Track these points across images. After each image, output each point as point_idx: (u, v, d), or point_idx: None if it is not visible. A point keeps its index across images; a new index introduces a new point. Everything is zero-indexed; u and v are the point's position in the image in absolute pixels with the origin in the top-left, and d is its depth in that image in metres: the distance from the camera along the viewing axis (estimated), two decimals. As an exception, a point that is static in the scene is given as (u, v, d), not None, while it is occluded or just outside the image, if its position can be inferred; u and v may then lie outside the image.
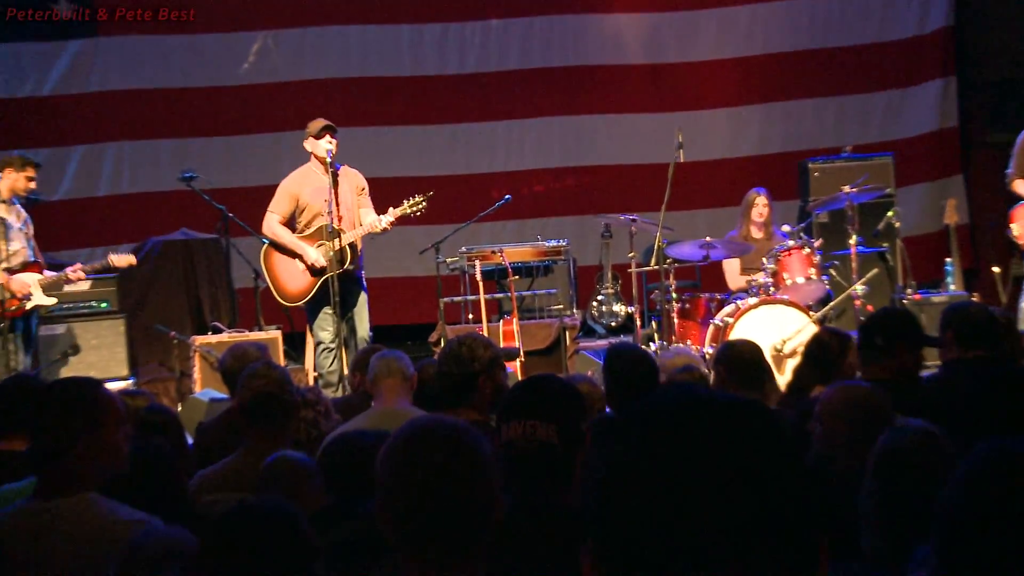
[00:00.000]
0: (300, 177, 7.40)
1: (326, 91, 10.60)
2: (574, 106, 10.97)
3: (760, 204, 8.46)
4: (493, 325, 8.14)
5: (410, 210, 7.26)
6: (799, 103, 11.05)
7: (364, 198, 7.44)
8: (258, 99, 10.61)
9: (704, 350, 7.74)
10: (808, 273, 7.75)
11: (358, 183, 7.44)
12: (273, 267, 7.44)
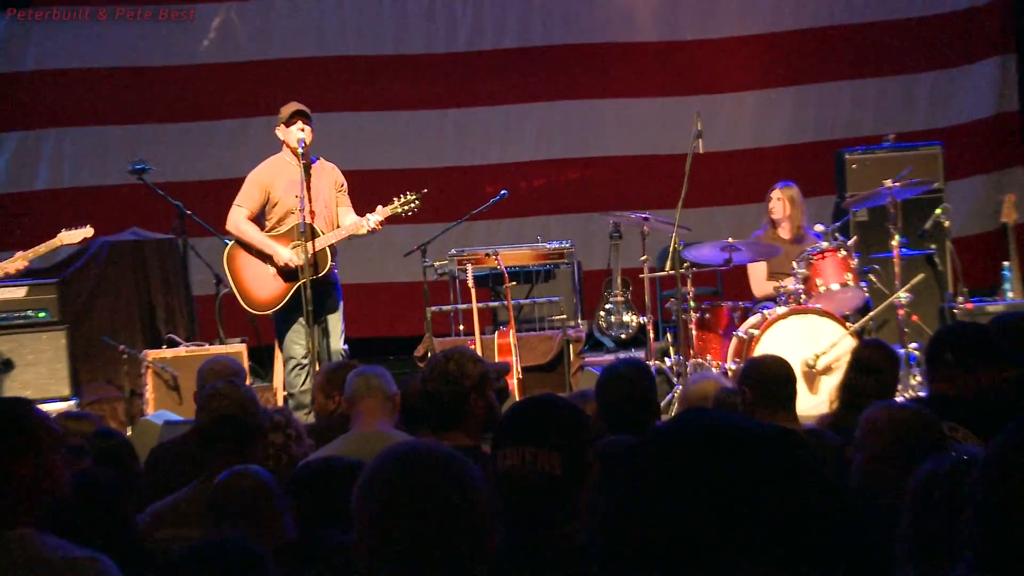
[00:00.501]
0: (272, 167, 7.37)
1: (297, 72, 10.62)
2: (579, 89, 10.99)
3: (774, 199, 8.46)
4: (487, 338, 8.14)
5: (401, 209, 7.24)
6: (834, 85, 11.07)
7: (343, 196, 7.42)
8: (220, 81, 10.62)
9: (726, 366, 7.75)
10: (844, 279, 7.76)
11: (337, 179, 7.43)
12: (239, 270, 7.40)
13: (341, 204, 7.41)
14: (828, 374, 7.46)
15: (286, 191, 7.24)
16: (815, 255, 7.81)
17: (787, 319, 7.57)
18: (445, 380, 3.84)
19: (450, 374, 3.84)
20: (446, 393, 3.82)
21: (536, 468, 2.52)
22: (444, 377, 3.84)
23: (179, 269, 9.05)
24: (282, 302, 7.27)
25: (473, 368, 3.86)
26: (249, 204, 7.35)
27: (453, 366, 3.85)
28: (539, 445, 2.54)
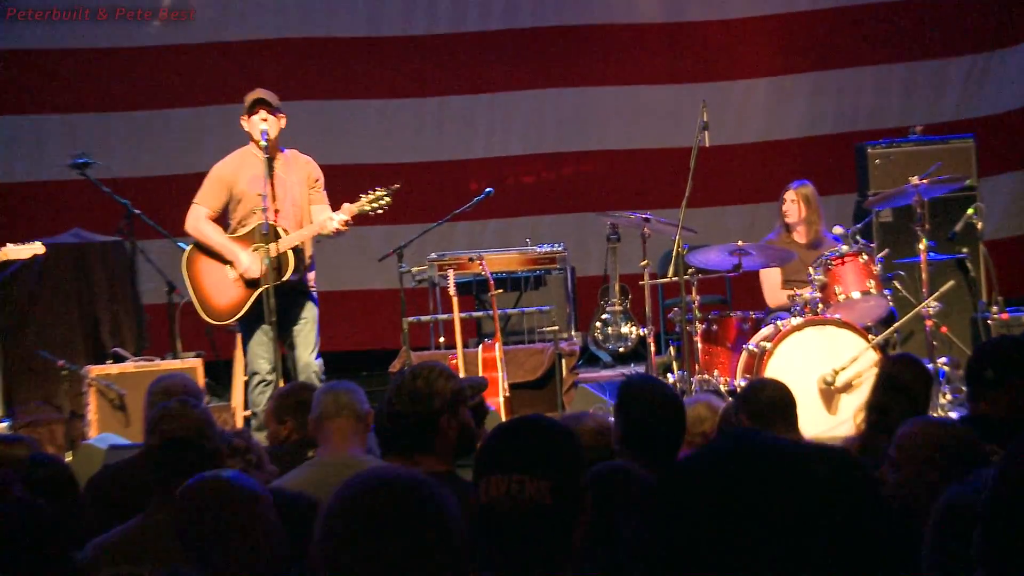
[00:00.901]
0: (236, 161, 7.35)
1: (259, 55, 10.61)
2: (573, 76, 11.00)
3: (788, 200, 8.49)
4: (470, 351, 8.14)
5: (369, 207, 7.21)
6: (856, 72, 11.10)
7: (317, 192, 7.38)
8: (172, 65, 10.61)
9: (735, 382, 7.76)
10: (866, 286, 7.77)
11: (311, 173, 7.39)
12: (198, 276, 7.37)
13: (315, 201, 7.35)
14: (848, 392, 7.47)
15: (249, 188, 7.22)
16: (834, 260, 7.83)
17: (803, 331, 7.58)
18: (412, 400, 3.81)
19: (418, 393, 3.81)
20: (413, 414, 3.80)
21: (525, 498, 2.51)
22: (411, 396, 3.81)
23: (126, 275, 9.02)
24: (242, 310, 7.25)
25: (444, 385, 3.84)
26: (209, 202, 7.33)
27: (421, 384, 3.83)
28: (528, 472, 2.52)
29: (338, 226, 7.08)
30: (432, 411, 3.79)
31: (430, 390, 3.81)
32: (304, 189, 7.34)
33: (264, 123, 7.16)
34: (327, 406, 4.35)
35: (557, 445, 2.60)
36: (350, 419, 4.34)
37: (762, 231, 9.15)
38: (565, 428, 2.71)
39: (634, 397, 4.11)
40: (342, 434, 4.32)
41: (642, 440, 4.03)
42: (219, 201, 7.33)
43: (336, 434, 4.32)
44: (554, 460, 2.56)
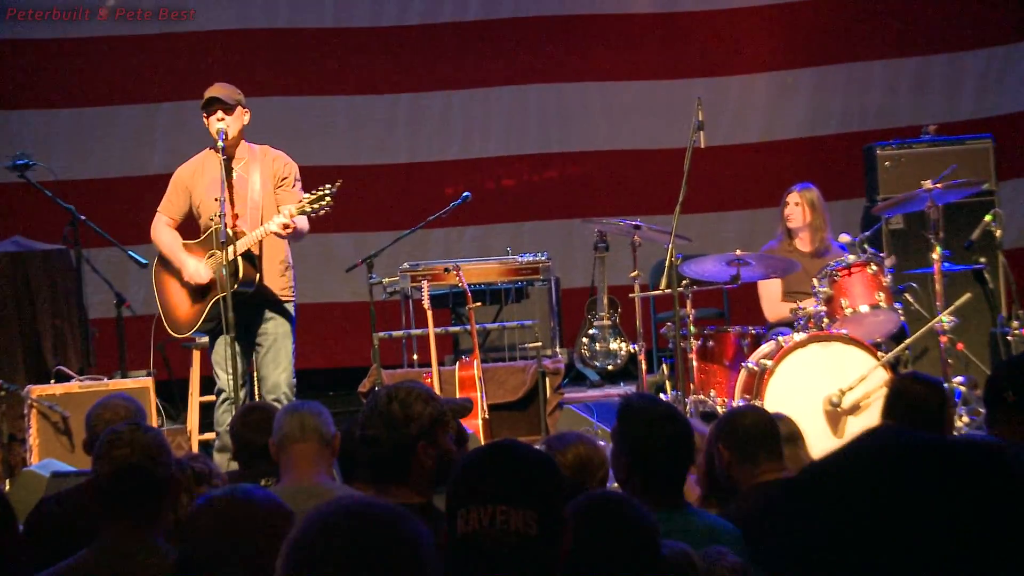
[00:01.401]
0: (197, 164, 7.35)
1: (217, 47, 10.61)
2: (557, 71, 11.04)
3: (791, 203, 8.51)
4: (447, 370, 8.15)
5: (310, 208, 7.09)
6: (864, 66, 11.16)
7: (286, 191, 7.30)
8: (121, 57, 10.60)
9: (733, 403, 7.78)
10: (875, 299, 7.81)
11: (277, 171, 7.34)
12: (164, 287, 7.41)
13: (284, 201, 7.27)
14: (856, 414, 7.49)
15: (207, 192, 7.22)
16: (840, 271, 7.85)
17: (806, 347, 7.60)
18: (387, 425, 3.76)
19: (393, 417, 3.75)
20: (388, 441, 3.76)
21: (510, 529, 2.53)
22: (386, 421, 3.76)
23: (71, 287, 9.00)
24: (197, 323, 7.25)
25: (423, 409, 3.79)
26: (169, 210, 7.36)
27: (397, 407, 3.77)
28: (512, 502, 2.55)
29: (276, 228, 6.99)
30: (408, 437, 3.76)
31: (407, 414, 3.76)
32: (267, 188, 7.29)
33: (220, 123, 7.15)
34: (291, 429, 4.34)
35: (540, 472, 2.63)
36: (315, 443, 4.33)
37: (762, 239, 9.17)
38: (544, 454, 2.74)
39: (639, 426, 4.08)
40: (307, 459, 4.30)
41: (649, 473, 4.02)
42: (179, 208, 7.34)
43: (300, 459, 4.31)
44: (538, 488, 2.59)
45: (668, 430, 4.02)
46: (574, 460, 4.23)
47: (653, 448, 3.99)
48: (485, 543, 2.53)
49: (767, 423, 4.68)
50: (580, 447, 4.28)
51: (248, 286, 7.11)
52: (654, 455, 3.99)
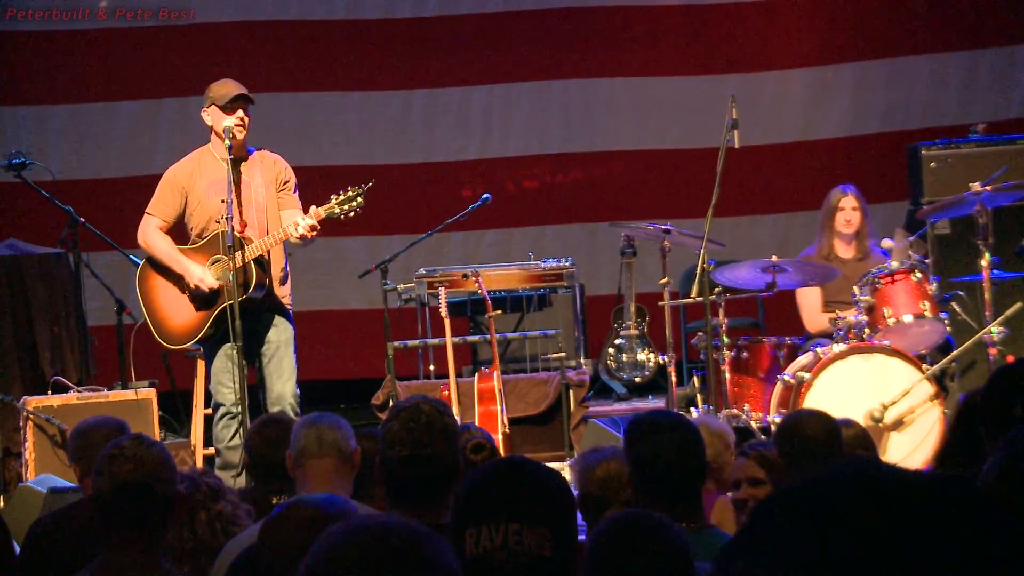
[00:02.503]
0: (193, 164, 7.36)
1: (223, 41, 10.64)
2: (582, 66, 11.04)
3: (848, 207, 8.51)
4: (465, 381, 8.16)
5: (339, 209, 7.19)
6: (908, 61, 11.13)
7: (288, 195, 7.37)
8: (123, 51, 10.64)
9: (769, 418, 7.77)
10: (920, 308, 7.79)
11: (279, 174, 7.39)
12: (152, 294, 7.38)
13: (285, 206, 7.34)
14: (899, 430, 7.48)
15: (207, 194, 7.24)
16: (882, 278, 7.84)
17: (846, 359, 7.59)
18: (447, 440, 3.74)
19: (451, 432, 3.76)
20: (449, 456, 3.73)
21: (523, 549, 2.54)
22: (447, 436, 3.75)
23: (70, 293, 9.03)
24: (200, 333, 7.25)
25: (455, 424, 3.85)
26: (162, 211, 7.34)
27: (450, 420, 3.76)
28: (525, 521, 2.56)
29: (304, 231, 7.04)
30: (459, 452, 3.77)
31: (456, 428, 3.77)
32: (271, 192, 7.33)
33: (240, 121, 7.17)
34: (308, 443, 4.33)
35: (552, 490, 2.66)
36: (334, 458, 4.32)
37: (799, 244, 9.17)
38: (554, 471, 2.76)
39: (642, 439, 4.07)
40: (324, 476, 4.29)
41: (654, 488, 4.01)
42: (173, 209, 7.33)
43: (318, 476, 4.30)
44: (552, 506, 2.62)
45: (668, 439, 3.99)
46: (603, 476, 4.23)
47: (655, 459, 3.96)
48: (496, 564, 2.54)
49: (829, 433, 4.66)
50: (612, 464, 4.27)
51: (259, 291, 7.15)
52: (656, 466, 3.96)
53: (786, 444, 4.62)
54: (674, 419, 4.20)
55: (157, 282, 7.38)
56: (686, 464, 4.01)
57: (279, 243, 7.20)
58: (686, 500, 3.99)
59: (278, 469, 4.63)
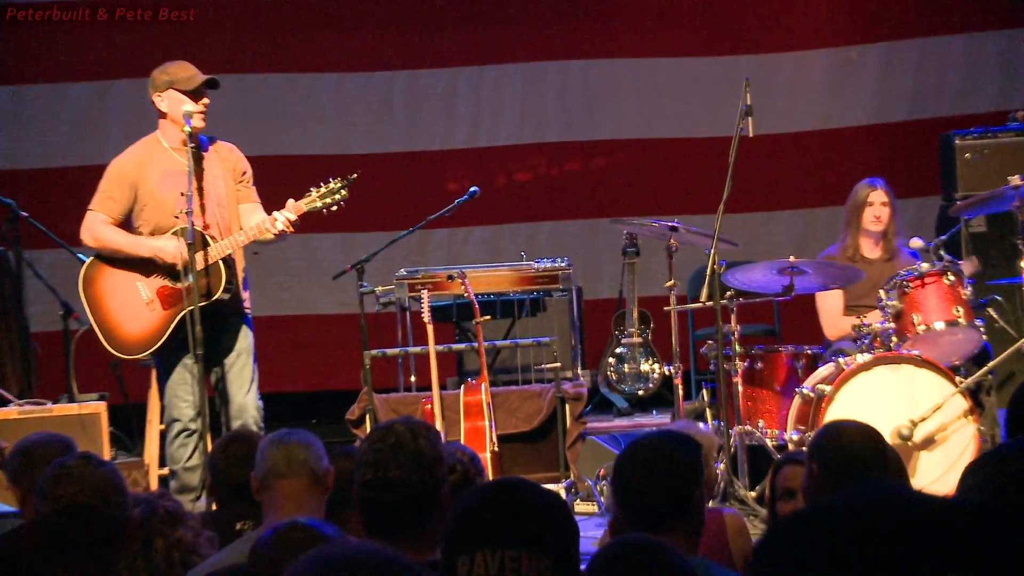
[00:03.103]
0: (141, 155, 7.35)
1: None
2: (582, 45, 11.04)
3: (877, 203, 8.52)
4: (450, 394, 8.15)
5: (321, 203, 7.21)
6: (940, 41, 11.14)
7: (246, 187, 7.39)
8: (70, 27, 10.62)
9: (786, 436, 7.77)
10: (953, 314, 7.79)
11: (236, 165, 7.40)
12: (100, 296, 7.36)
13: (243, 199, 7.36)
14: (930, 448, 7.48)
15: (161, 187, 7.22)
16: (911, 281, 7.85)
17: (871, 370, 7.60)
18: (418, 464, 3.72)
19: (424, 456, 3.73)
20: (418, 484, 3.71)
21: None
22: (416, 460, 3.72)
23: (9, 294, 9.02)
24: (159, 340, 7.24)
25: (443, 450, 3.82)
26: (108, 207, 7.31)
27: (425, 444, 3.72)
28: (524, 547, 2.58)
29: (283, 227, 7.06)
30: (438, 481, 3.74)
31: (435, 453, 3.75)
32: (229, 184, 7.33)
33: (201, 108, 7.17)
34: (276, 462, 4.32)
35: (553, 514, 2.69)
36: (305, 479, 4.31)
37: (819, 244, 9.17)
38: (555, 495, 2.80)
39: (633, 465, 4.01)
40: (294, 498, 4.29)
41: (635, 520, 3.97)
42: (121, 205, 7.30)
43: (286, 498, 4.30)
44: (552, 532, 2.65)
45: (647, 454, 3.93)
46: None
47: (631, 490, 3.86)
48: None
49: (874, 441, 4.66)
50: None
51: (228, 292, 7.15)
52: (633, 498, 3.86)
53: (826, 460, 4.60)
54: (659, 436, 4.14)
55: (108, 283, 7.34)
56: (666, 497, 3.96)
57: (252, 240, 7.19)
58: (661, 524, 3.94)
59: (244, 491, 4.62)
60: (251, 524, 4.63)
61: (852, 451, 4.58)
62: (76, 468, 3.85)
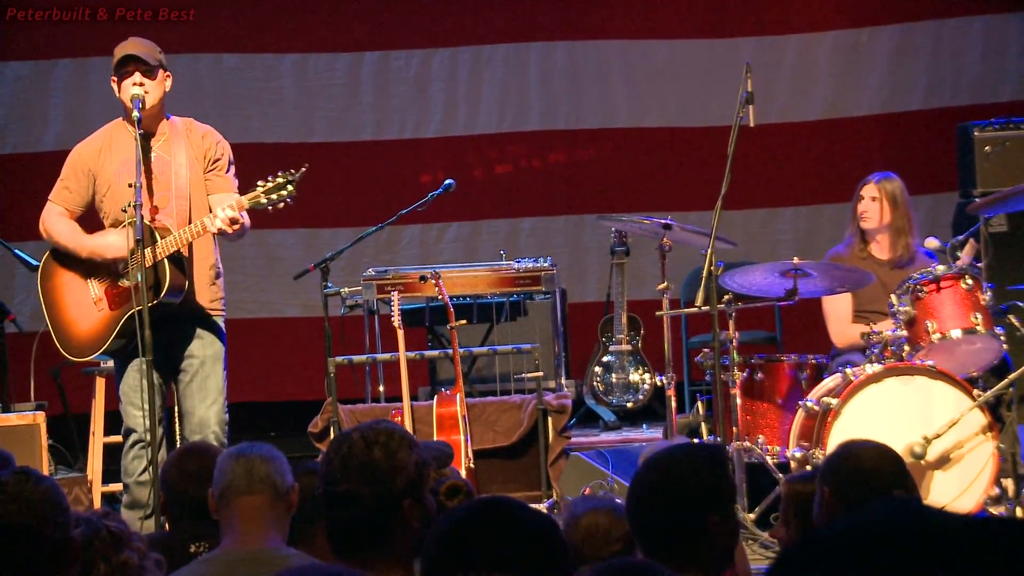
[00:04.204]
0: (102, 142, 7.33)
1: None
2: (567, 25, 11.06)
3: (867, 197, 8.50)
4: (422, 405, 8.15)
5: (264, 199, 7.11)
6: (958, 24, 11.18)
7: (219, 176, 7.31)
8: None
9: (788, 453, 7.78)
10: (971, 322, 7.81)
11: (209, 151, 7.34)
12: (55, 294, 7.36)
13: (215, 189, 7.28)
14: (944, 468, 7.50)
15: (118, 176, 7.21)
16: (926, 285, 7.86)
17: (881, 382, 7.61)
18: (369, 477, 3.76)
19: (377, 467, 3.78)
20: (370, 498, 3.76)
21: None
22: (367, 472, 3.76)
23: (-58, 294, 9.02)
24: (106, 342, 7.23)
25: (407, 457, 3.81)
26: (65, 198, 7.31)
27: (380, 455, 3.79)
28: (510, 570, 2.63)
29: (222, 225, 6.99)
30: (394, 493, 3.76)
31: (392, 464, 3.77)
32: (196, 173, 7.30)
33: (138, 87, 7.15)
34: (236, 477, 4.32)
35: (540, 535, 2.73)
36: (267, 496, 4.32)
37: (826, 243, 9.19)
38: (544, 515, 2.85)
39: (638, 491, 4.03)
40: (255, 517, 4.30)
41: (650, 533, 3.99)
42: (79, 196, 7.30)
43: (246, 516, 4.30)
44: (539, 554, 2.69)
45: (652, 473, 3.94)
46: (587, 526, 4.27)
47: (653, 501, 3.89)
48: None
49: (894, 464, 4.67)
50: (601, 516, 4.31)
51: (175, 296, 7.11)
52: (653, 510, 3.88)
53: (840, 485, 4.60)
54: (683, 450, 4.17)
55: (61, 280, 7.35)
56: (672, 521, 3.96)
57: (196, 237, 7.15)
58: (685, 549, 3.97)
59: (200, 509, 4.62)
60: (206, 545, 4.63)
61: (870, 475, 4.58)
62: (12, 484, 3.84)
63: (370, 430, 3.86)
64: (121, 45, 7.26)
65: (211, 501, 4.42)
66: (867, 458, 4.65)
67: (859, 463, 4.62)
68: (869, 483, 4.55)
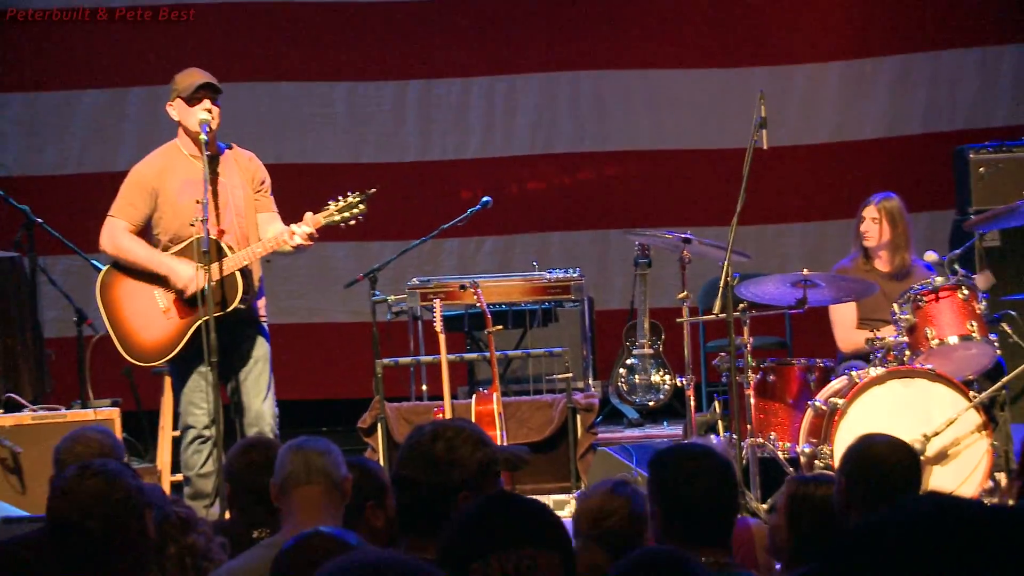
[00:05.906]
0: (161, 162, 7.35)
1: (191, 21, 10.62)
2: (595, 56, 11.05)
3: (868, 218, 8.48)
4: (461, 403, 8.15)
5: (340, 217, 7.20)
6: (955, 55, 11.14)
7: (265, 197, 7.39)
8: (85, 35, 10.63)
9: (797, 449, 7.76)
10: (967, 329, 7.78)
11: (255, 174, 7.40)
12: (117, 304, 7.37)
13: (262, 209, 7.36)
14: (943, 463, 7.47)
15: (180, 195, 7.22)
16: (925, 295, 7.84)
17: (884, 384, 7.59)
18: (427, 466, 3.82)
19: (436, 458, 3.82)
20: (425, 485, 3.81)
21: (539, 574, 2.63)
22: (426, 462, 3.83)
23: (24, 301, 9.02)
24: (176, 348, 7.24)
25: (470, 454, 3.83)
26: (129, 214, 7.32)
27: (441, 448, 3.82)
28: (537, 545, 2.66)
29: (301, 240, 7.07)
30: (450, 484, 3.79)
31: (452, 457, 3.80)
32: (248, 193, 7.33)
33: (207, 113, 7.16)
34: (295, 469, 4.32)
35: (549, 515, 2.79)
36: (323, 486, 4.31)
37: (833, 256, 9.16)
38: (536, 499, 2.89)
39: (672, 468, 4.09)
40: (312, 506, 4.29)
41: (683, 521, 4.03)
42: (141, 212, 7.31)
43: (305, 506, 4.29)
44: (557, 530, 2.74)
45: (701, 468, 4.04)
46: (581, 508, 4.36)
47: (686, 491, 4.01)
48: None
49: (906, 455, 4.65)
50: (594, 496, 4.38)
51: (244, 303, 7.16)
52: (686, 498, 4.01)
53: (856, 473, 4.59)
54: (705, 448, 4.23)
55: (124, 291, 7.35)
56: (719, 497, 4.05)
57: (269, 252, 7.19)
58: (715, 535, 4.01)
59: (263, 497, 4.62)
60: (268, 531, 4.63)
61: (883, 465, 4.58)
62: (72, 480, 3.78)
63: (442, 425, 3.93)
64: (187, 72, 7.27)
65: (272, 490, 4.42)
66: (881, 450, 4.64)
67: (874, 455, 4.62)
68: (883, 473, 4.54)
